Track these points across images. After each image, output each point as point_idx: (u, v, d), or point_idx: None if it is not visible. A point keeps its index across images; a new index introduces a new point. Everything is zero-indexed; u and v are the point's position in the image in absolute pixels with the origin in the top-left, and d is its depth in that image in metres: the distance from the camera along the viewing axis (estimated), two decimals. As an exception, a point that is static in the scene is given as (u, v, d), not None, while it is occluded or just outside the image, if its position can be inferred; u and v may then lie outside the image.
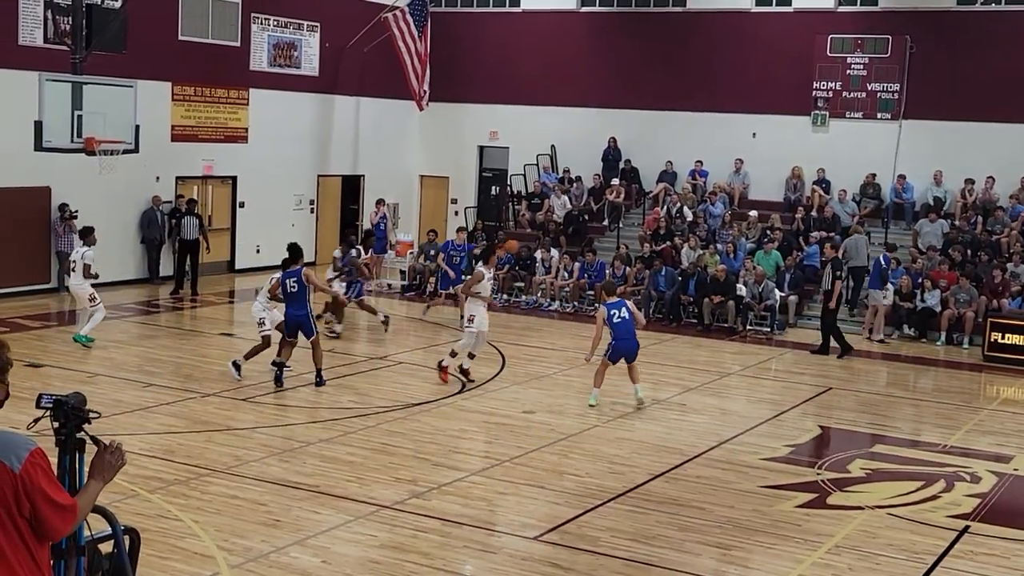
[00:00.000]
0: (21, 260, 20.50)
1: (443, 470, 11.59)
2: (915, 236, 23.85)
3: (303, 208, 28.34)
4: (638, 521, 10.23)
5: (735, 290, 21.82)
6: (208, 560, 8.79)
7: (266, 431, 12.93)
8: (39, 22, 21.30)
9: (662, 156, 27.84)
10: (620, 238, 25.79)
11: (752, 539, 9.93)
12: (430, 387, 15.53)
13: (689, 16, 28.02)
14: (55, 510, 4.39)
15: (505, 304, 23.67)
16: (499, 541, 9.67)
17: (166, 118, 24.30)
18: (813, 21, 26.64)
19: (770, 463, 12.48)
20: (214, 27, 25.37)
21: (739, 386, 17.18)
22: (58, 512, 4.41)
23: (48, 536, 4.48)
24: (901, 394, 17.46)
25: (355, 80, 29.03)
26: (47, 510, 4.37)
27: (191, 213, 23.86)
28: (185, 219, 23.73)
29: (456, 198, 31.08)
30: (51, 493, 4.39)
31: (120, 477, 10.06)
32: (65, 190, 21.87)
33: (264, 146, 26.66)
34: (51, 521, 4.39)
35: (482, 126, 30.41)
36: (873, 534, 10.21)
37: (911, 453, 13.39)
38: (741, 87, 27.12)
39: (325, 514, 10.03)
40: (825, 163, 26.19)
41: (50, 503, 4.37)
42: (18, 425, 4.98)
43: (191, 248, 23.69)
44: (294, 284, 14.82)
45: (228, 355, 17.14)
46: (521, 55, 29.63)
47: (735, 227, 24.65)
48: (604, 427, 13.75)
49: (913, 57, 25.72)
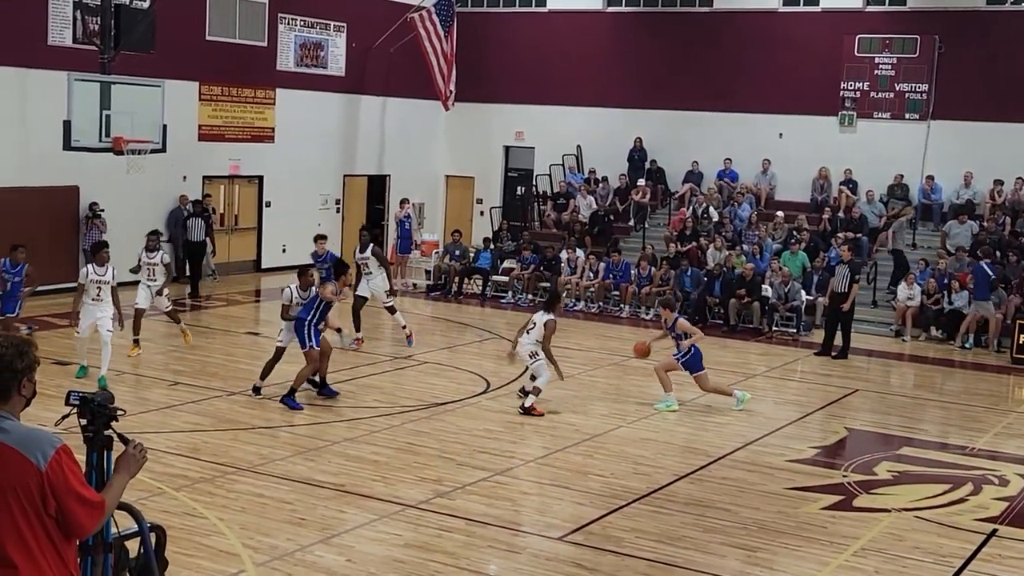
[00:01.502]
0: (50, 259, 20.58)
1: (468, 470, 11.59)
2: (943, 237, 23.68)
3: (329, 208, 28.42)
4: (663, 522, 10.20)
5: (761, 291, 21.73)
6: (233, 558, 8.82)
7: (291, 430, 12.97)
8: (68, 22, 21.45)
9: (688, 156, 27.77)
10: (646, 238, 25.74)
11: (777, 541, 9.88)
12: (455, 387, 15.54)
13: (716, 16, 27.93)
14: (82, 506, 4.42)
15: (530, 304, 23.64)
16: (524, 541, 9.66)
17: (193, 118, 24.43)
18: (841, 21, 26.50)
19: (796, 465, 12.42)
20: (241, 27, 25.48)
21: (765, 387, 17.11)
22: (85, 508, 4.44)
23: (75, 533, 4.50)
24: (928, 396, 17.34)
25: (381, 80, 29.09)
26: (74, 506, 4.40)
27: (197, 214, 23.69)
28: (191, 220, 23.54)
29: (481, 198, 31.10)
30: (77, 489, 4.42)
31: (146, 475, 10.16)
32: (94, 189, 22.03)
33: (290, 146, 26.75)
34: (78, 517, 4.42)
35: (508, 126, 30.41)
36: (900, 537, 10.15)
37: (938, 456, 13.29)
38: (768, 87, 27.02)
39: (350, 513, 10.05)
40: (852, 164, 26.05)
41: (77, 499, 4.40)
42: (45, 422, 5.01)
43: (197, 249, 23.49)
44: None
45: (254, 354, 17.22)
46: (547, 55, 29.61)
47: (761, 228, 24.55)
48: (629, 428, 13.72)
49: (942, 57, 25.54)
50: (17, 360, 4.48)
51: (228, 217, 26.09)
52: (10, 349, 4.48)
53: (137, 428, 11.79)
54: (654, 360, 15.40)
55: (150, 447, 4.80)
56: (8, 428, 4.43)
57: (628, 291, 23.07)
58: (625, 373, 17.28)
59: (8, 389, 4.48)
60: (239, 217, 26.25)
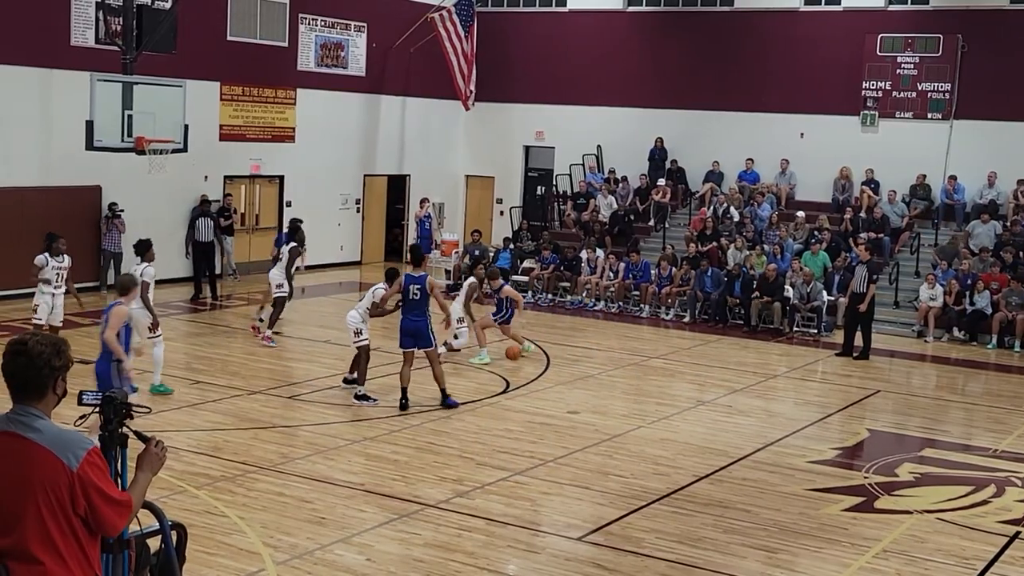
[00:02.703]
0: (73, 258, 20.68)
1: (488, 470, 11.59)
2: (966, 237, 23.55)
3: (349, 207, 28.48)
4: (683, 523, 10.18)
5: (782, 291, 21.66)
6: (254, 556, 8.84)
7: (312, 429, 13.00)
8: (91, 23, 21.57)
9: (708, 156, 27.70)
10: (666, 238, 25.70)
11: (798, 542, 9.84)
12: (475, 387, 15.55)
13: (736, 15, 27.85)
14: (111, 505, 4.49)
15: (550, 304, 23.66)
16: (543, 541, 9.65)
17: (214, 118, 24.52)
18: (863, 20, 26.37)
19: (817, 466, 12.37)
20: (262, 27, 25.56)
21: (786, 388, 17.06)
22: (114, 507, 4.51)
23: (105, 531, 4.58)
24: (951, 397, 17.24)
25: (401, 80, 29.13)
26: (103, 506, 4.47)
27: (206, 214, 23.34)
28: (200, 220, 23.10)
29: (501, 198, 31.11)
30: (106, 489, 4.49)
31: (168, 473, 10.21)
32: (115, 189, 22.14)
33: (311, 146, 26.82)
34: (108, 517, 4.49)
35: (528, 126, 30.40)
36: (921, 539, 10.09)
37: (961, 457, 13.22)
38: (789, 87, 26.92)
39: (370, 512, 10.06)
40: (874, 164, 25.92)
41: (106, 499, 4.47)
42: (66, 420, 5.04)
43: (206, 250, 22.90)
44: (417, 291, 13.93)
45: (275, 353, 17.27)
46: (567, 55, 29.58)
47: (782, 228, 24.47)
48: (649, 428, 13.69)
49: (964, 56, 25.39)
50: (55, 358, 4.52)
51: (249, 217, 26.17)
52: (48, 347, 4.52)
53: (159, 427, 11.84)
54: (491, 325, 17.61)
55: (172, 445, 4.84)
56: (41, 428, 4.47)
57: (648, 291, 23.04)
58: (645, 374, 17.26)
59: (44, 387, 4.52)
60: (260, 217, 26.32)
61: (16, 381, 4.52)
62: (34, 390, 4.51)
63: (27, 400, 4.51)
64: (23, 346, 4.50)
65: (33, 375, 4.49)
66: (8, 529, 4.44)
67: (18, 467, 4.43)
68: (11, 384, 4.54)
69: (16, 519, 4.42)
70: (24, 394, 4.52)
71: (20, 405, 4.51)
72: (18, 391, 4.53)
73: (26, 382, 4.50)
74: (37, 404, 4.51)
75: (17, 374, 4.50)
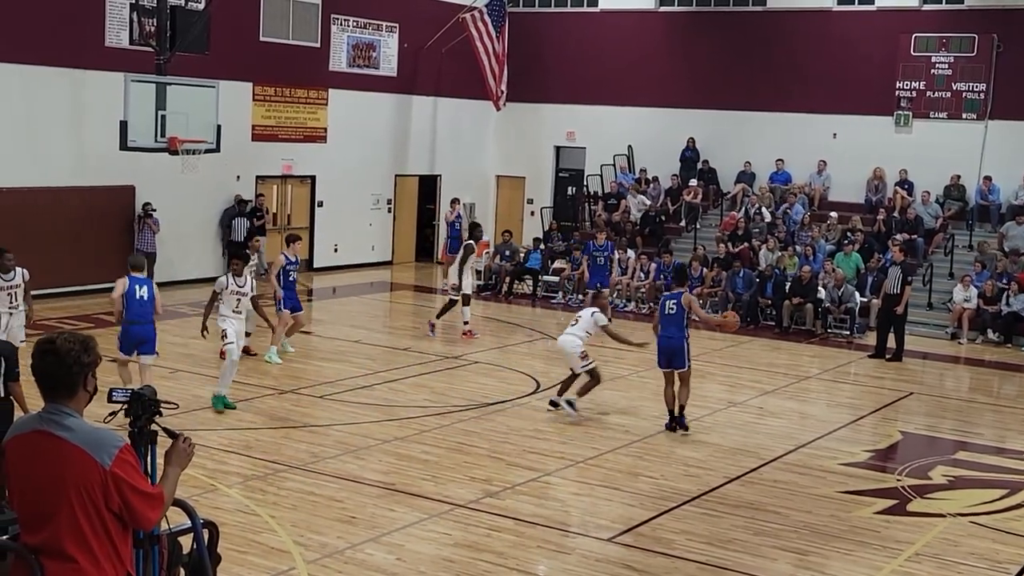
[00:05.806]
0: (106, 257, 20.87)
1: (518, 470, 11.58)
2: (1000, 239, 23.33)
3: (380, 208, 28.55)
4: (713, 525, 10.14)
5: (815, 292, 21.52)
6: (284, 555, 8.88)
7: (342, 428, 13.03)
8: (125, 24, 21.72)
9: (740, 157, 27.58)
10: (697, 239, 25.60)
11: (830, 545, 9.78)
12: (505, 387, 15.55)
13: (769, 15, 27.72)
14: (144, 500, 4.55)
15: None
16: (573, 542, 9.64)
17: (247, 118, 24.64)
18: (897, 20, 26.18)
19: (849, 468, 12.29)
20: (294, 28, 25.66)
21: (818, 390, 16.95)
22: (147, 501, 4.56)
23: (139, 524, 4.65)
24: (985, 400, 17.08)
25: (433, 80, 29.17)
26: (137, 501, 4.52)
27: (242, 214, 23.44)
28: (235, 220, 23.32)
29: (532, 198, 31.09)
30: (139, 484, 4.55)
31: (200, 471, 10.27)
32: (149, 189, 22.28)
33: (342, 146, 26.91)
34: (142, 510, 4.55)
35: (559, 126, 30.37)
36: (955, 542, 10.00)
37: (995, 460, 13.10)
38: (822, 87, 26.76)
39: (400, 512, 10.08)
40: (908, 164, 25.73)
41: (139, 494, 4.53)
42: (96, 418, 5.08)
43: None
44: (673, 307, 13.60)
45: (305, 352, 17.32)
46: (599, 55, 29.53)
47: (814, 229, 24.32)
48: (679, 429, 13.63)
49: (1000, 56, 25.16)
50: (84, 355, 4.56)
51: (280, 217, 26.28)
52: (76, 345, 4.55)
53: (190, 425, 11.92)
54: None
55: (203, 444, 4.88)
56: (73, 426, 4.51)
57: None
58: (676, 374, 17.16)
59: (75, 385, 4.56)
60: (291, 217, 26.43)
61: (46, 380, 4.56)
62: (64, 388, 4.54)
63: (58, 398, 4.55)
64: (51, 344, 4.54)
65: (63, 373, 4.52)
66: (41, 526, 4.49)
67: (51, 466, 4.47)
68: (42, 383, 4.58)
69: (49, 517, 4.47)
70: (55, 392, 4.55)
71: (52, 404, 4.55)
72: (49, 390, 4.56)
73: (56, 380, 4.54)
74: (68, 402, 4.55)
75: (47, 373, 4.54)
